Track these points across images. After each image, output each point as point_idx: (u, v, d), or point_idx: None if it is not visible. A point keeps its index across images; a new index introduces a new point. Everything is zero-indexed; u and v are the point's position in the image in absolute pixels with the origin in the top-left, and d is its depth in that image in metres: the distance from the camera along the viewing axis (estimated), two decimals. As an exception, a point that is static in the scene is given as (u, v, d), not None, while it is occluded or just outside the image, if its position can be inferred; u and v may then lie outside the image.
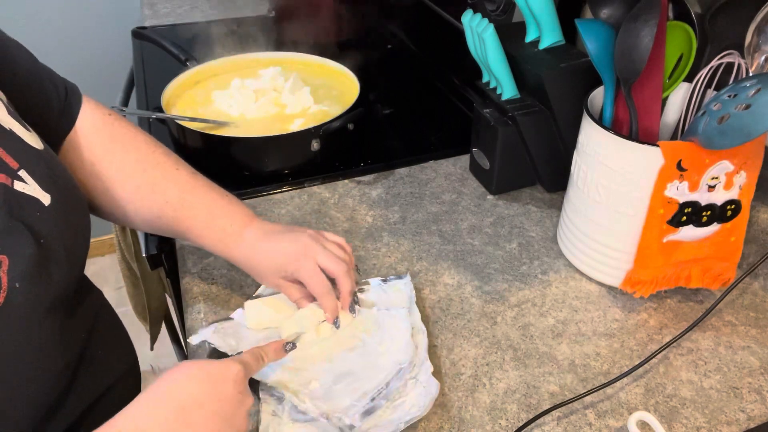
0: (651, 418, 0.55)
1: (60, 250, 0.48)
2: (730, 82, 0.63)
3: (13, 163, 0.46)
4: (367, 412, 0.56)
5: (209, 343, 0.60)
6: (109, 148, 0.63)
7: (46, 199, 0.47)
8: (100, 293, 0.62)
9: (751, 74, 0.62)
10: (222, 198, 0.65)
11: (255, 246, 0.63)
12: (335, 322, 0.62)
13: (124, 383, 0.61)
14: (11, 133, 0.48)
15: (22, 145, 0.48)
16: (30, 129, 0.51)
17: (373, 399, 0.56)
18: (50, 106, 0.60)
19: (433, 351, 0.64)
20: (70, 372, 0.51)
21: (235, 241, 0.63)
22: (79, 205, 0.53)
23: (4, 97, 0.52)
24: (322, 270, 0.61)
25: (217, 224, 0.63)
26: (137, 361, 0.66)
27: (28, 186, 0.46)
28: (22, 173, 0.46)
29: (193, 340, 0.61)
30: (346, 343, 0.62)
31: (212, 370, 0.47)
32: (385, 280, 0.68)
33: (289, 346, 0.57)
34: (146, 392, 0.46)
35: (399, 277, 0.69)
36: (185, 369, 0.47)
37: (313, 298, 0.63)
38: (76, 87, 0.64)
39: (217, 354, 0.60)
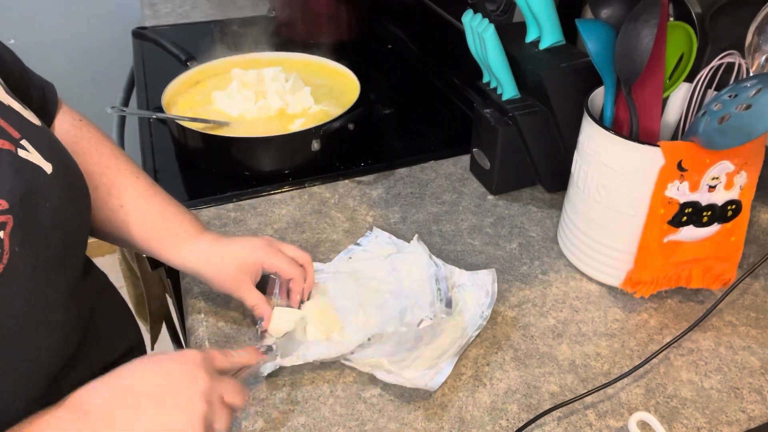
0: (651, 419, 0.55)
1: (62, 217, 0.49)
2: (731, 82, 0.63)
3: (15, 133, 0.47)
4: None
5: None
6: (71, 150, 0.63)
7: (48, 167, 0.48)
8: (103, 274, 0.63)
9: (751, 74, 0.62)
10: (177, 208, 0.66)
11: (210, 249, 0.63)
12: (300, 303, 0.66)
13: (129, 359, 0.62)
14: (10, 108, 0.49)
15: (22, 119, 0.49)
16: (27, 108, 0.52)
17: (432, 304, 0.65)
18: (30, 104, 0.60)
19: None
20: (75, 343, 0.52)
21: (188, 246, 0.63)
22: (78, 176, 0.54)
23: (1, 80, 0.53)
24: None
25: (169, 228, 0.64)
26: (143, 341, 0.67)
27: (31, 154, 0.47)
28: (24, 142, 0.47)
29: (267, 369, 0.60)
30: (376, 304, 0.67)
31: (167, 355, 0.48)
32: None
33: (264, 347, 0.57)
34: (104, 376, 0.46)
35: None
36: (142, 358, 0.48)
37: (264, 304, 0.63)
38: (53, 86, 0.65)
39: None
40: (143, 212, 0.63)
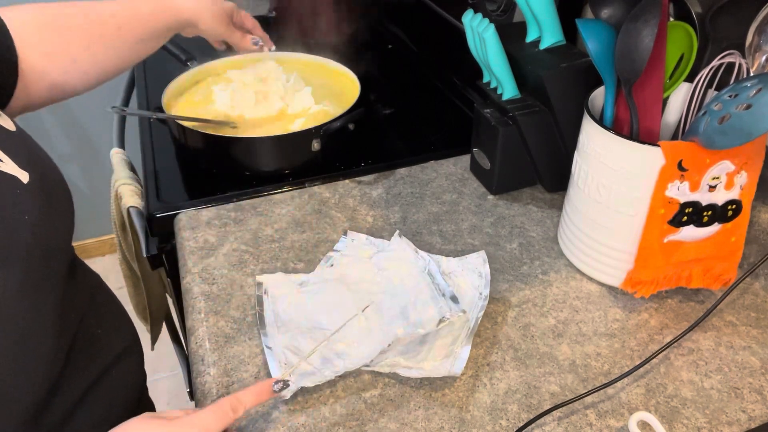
0: (652, 419, 0.55)
1: (42, 232, 0.47)
2: (731, 82, 0.63)
3: None
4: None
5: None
6: (47, 39, 0.65)
7: (24, 177, 0.47)
8: (95, 275, 0.62)
9: (751, 74, 0.62)
10: None
11: None
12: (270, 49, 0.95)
13: (126, 361, 0.61)
14: None
15: None
16: (1, 113, 0.51)
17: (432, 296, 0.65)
18: None
19: (433, 351, 0.64)
20: (66, 352, 0.50)
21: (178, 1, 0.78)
22: (58, 183, 0.53)
23: None
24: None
25: None
26: (138, 339, 0.66)
27: (5, 164, 0.46)
28: None
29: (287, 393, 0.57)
30: (374, 307, 0.66)
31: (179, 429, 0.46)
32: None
33: (279, 385, 0.52)
34: None
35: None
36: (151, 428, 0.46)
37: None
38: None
39: None
40: (130, 7, 0.73)
